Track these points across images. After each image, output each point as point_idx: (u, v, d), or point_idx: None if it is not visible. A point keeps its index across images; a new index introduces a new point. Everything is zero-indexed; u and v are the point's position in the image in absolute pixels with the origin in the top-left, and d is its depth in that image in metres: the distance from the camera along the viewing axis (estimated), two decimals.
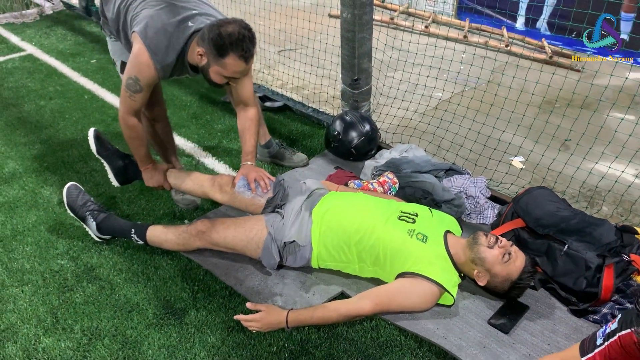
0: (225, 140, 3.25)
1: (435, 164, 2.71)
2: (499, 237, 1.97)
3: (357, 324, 1.96)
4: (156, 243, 2.27)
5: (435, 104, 3.59)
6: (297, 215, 2.16)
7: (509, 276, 1.94)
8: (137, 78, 2.11)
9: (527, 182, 2.75)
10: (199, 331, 1.95)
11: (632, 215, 2.53)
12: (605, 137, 2.75)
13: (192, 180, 2.35)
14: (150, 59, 2.07)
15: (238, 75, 2.08)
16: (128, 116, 2.20)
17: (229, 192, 2.27)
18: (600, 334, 1.29)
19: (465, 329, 1.92)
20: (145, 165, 2.38)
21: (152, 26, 2.06)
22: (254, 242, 2.14)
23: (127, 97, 2.16)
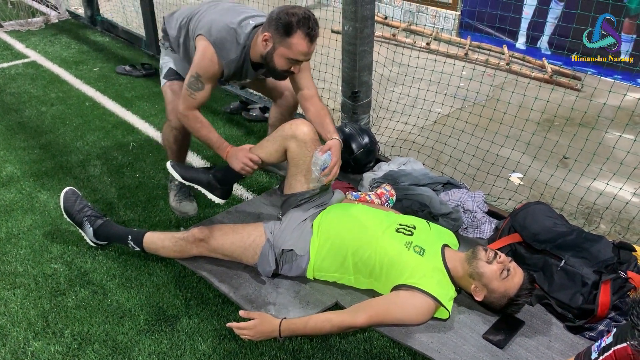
0: None
1: (433, 177, 2.71)
2: (499, 253, 1.95)
3: (350, 336, 1.94)
4: (152, 250, 2.25)
5: (434, 118, 3.60)
6: (300, 224, 2.14)
7: (507, 292, 1.92)
8: (199, 75, 2.19)
9: (525, 197, 2.74)
10: (191, 338, 1.93)
11: (630, 234, 2.52)
12: (603, 155, 2.75)
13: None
14: (215, 54, 2.16)
15: (302, 57, 2.11)
16: (188, 111, 2.26)
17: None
18: (595, 348, 1.28)
19: (460, 343, 1.90)
20: (224, 149, 2.29)
21: (215, 26, 2.17)
22: (252, 248, 2.13)
23: (187, 95, 2.23)
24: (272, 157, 2.24)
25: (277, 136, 2.22)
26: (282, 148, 2.20)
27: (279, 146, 2.21)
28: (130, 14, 5.86)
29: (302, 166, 2.20)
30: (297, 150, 2.17)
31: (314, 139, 2.20)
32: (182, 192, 2.65)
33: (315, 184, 2.21)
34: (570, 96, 2.98)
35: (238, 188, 2.86)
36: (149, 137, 3.42)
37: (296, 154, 2.18)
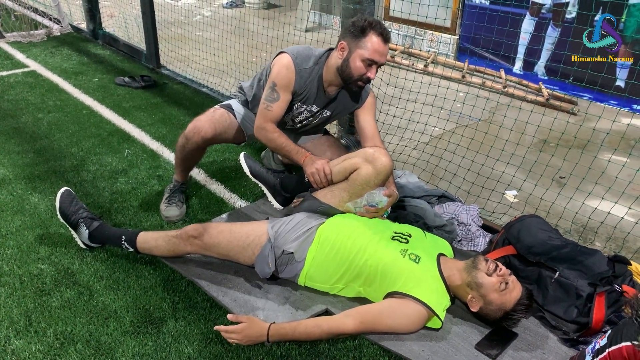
0: (219, 159, 3.24)
1: (427, 190, 2.70)
2: (499, 265, 1.92)
3: (339, 343, 1.90)
4: (146, 250, 2.22)
5: (431, 136, 3.61)
6: (307, 231, 2.10)
7: (503, 305, 1.89)
8: (275, 83, 2.29)
9: (519, 213, 2.72)
10: (176, 341, 1.88)
11: (625, 251, 2.50)
12: (597, 174, 2.75)
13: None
14: (291, 60, 2.28)
15: (377, 56, 2.19)
16: (265, 124, 2.33)
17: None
18: (590, 351, 1.25)
19: (451, 352, 1.86)
20: (303, 154, 2.33)
21: (295, 46, 2.36)
22: (250, 248, 2.09)
23: (263, 108, 2.33)
24: (340, 174, 2.24)
25: (353, 156, 2.22)
26: (353, 168, 2.19)
27: (351, 165, 2.20)
28: (132, 29, 5.92)
29: (355, 189, 2.18)
30: (366, 176, 2.15)
31: (388, 174, 2.20)
32: (174, 196, 2.63)
33: (352, 208, 2.19)
34: (566, 119, 2.98)
35: (231, 196, 2.84)
36: (144, 145, 3.41)
37: (363, 178, 2.16)
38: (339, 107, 2.46)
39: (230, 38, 4.93)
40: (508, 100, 4.29)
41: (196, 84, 4.56)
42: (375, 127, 2.43)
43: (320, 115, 2.48)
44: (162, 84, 4.60)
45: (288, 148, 2.34)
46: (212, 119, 2.48)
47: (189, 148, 2.50)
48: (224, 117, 2.51)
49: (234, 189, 2.90)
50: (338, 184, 2.23)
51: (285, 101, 2.33)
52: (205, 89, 4.45)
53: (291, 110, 2.41)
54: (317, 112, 2.45)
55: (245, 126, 2.57)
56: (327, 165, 2.23)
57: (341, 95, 2.43)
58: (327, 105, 2.44)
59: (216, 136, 2.49)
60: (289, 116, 2.45)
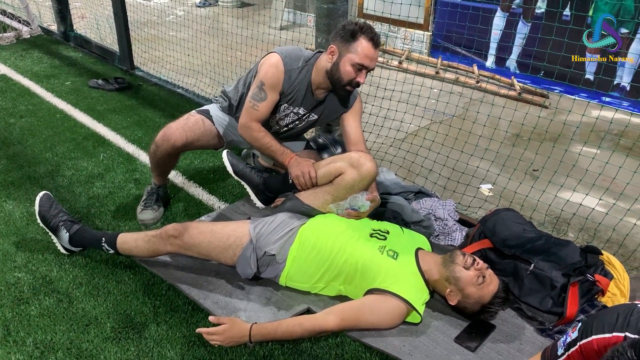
0: (197, 161, 3.23)
1: (404, 186, 2.73)
2: (477, 259, 1.96)
3: (322, 340, 1.92)
4: (126, 250, 2.20)
5: (407, 133, 3.65)
6: (288, 232, 2.10)
7: (481, 299, 1.93)
8: (263, 83, 2.27)
9: (494, 206, 2.78)
10: (158, 345, 1.88)
11: (597, 241, 2.57)
12: (569, 167, 2.81)
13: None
14: (280, 60, 2.26)
15: (367, 61, 2.18)
16: (250, 122, 2.32)
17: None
18: (562, 344, 1.28)
19: (432, 346, 1.89)
20: (288, 155, 2.33)
21: (285, 46, 2.35)
22: (231, 249, 2.08)
23: (249, 107, 2.31)
24: (324, 178, 2.25)
25: (339, 160, 2.23)
26: (338, 173, 2.21)
27: (335, 170, 2.21)
28: (104, 30, 5.84)
29: (339, 193, 2.20)
30: (350, 181, 2.17)
31: (372, 179, 2.22)
32: (150, 199, 2.61)
33: (334, 210, 2.22)
34: (538, 112, 3.05)
35: (210, 198, 2.83)
36: (120, 148, 3.37)
37: (347, 182, 2.18)
38: (326, 111, 2.46)
39: (204, 38, 4.90)
40: (481, 95, 4.35)
41: (171, 85, 4.52)
42: (361, 132, 2.45)
43: (307, 118, 2.47)
44: (137, 86, 4.55)
45: (273, 148, 2.34)
46: (184, 126, 2.45)
47: (159, 155, 2.48)
48: (198, 125, 2.48)
49: (213, 191, 2.90)
50: (322, 187, 2.24)
51: (272, 101, 2.32)
52: (180, 89, 4.41)
53: (277, 111, 2.41)
54: (304, 115, 2.44)
55: (226, 133, 2.56)
56: (313, 168, 2.25)
57: (329, 98, 2.42)
58: (314, 109, 2.44)
59: (188, 144, 2.46)
60: (275, 118, 2.45)
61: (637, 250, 2.49)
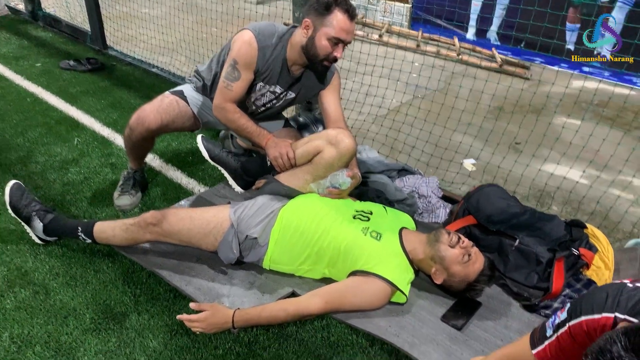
0: (175, 143, 3.15)
1: (387, 164, 2.69)
2: (462, 237, 1.93)
3: (307, 324, 1.89)
4: (104, 240, 2.13)
5: (389, 109, 3.60)
6: (269, 214, 2.06)
7: (467, 277, 1.91)
8: (236, 61, 2.17)
9: (478, 182, 2.76)
10: (140, 335, 1.84)
11: (581, 214, 2.57)
12: (552, 139, 2.80)
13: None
14: (253, 36, 2.16)
15: (343, 34, 2.11)
16: (224, 103, 2.24)
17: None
18: (550, 325, 1.26)
19: (418, 326, 1.88)
20: (265, 137, 2.27)
21: (257, 22, 2.24)
22: (212, 235, 2.03)
23: (223, 87, 2.23)
24: (303, 158, 2.20)
25: (316, 138, 2.18)
26: (316, 151, 2.16)
27: (314, 148, 2.17)
28: (74, 9, 5.64)
29: (319, 172, 2.16)
30: (329, 159, 2.13)
31: (352, 156, 2.17)
32: (127, 184, 2.54)
33: (315, 189, 2.17)
34: (520, 84, 3.01)
35: (189, 182, 2.77)
36: (94, 132, 3.27)
37: (326, 161, 2.13)
38: (303, 89, 2.39)
39: (178, 15, 4.75)
40: (463, 68, 4.31)
41: (146, 64, 4.40)
42: (340, 109, 2.38)
43: (284, 97, 2.40)
44: (110, 66, 4.42)
45: (249, 130, 2.27)
46: (158, 108, 2.36)
47: (134, 139, 2.39)
48: (173, 106, 2.40)
49: (192, 174, 2.83)
50: (301, 167, 2.19)
51: (246, 80, 2.24)
52: (155, 69, 4.29)
53: (253, 90, 2.33)
54: (281, 93, 2.37)
55: (201, 113, 2.48)
56: (291, 149, 2.19)
57: (306, 75, 2.35)
58: (291, 86, 2.36)
59: (163, 127, 2.38)
60: (251, 98, 2.37)
61: (621, 222, 2.49)
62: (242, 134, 2.32)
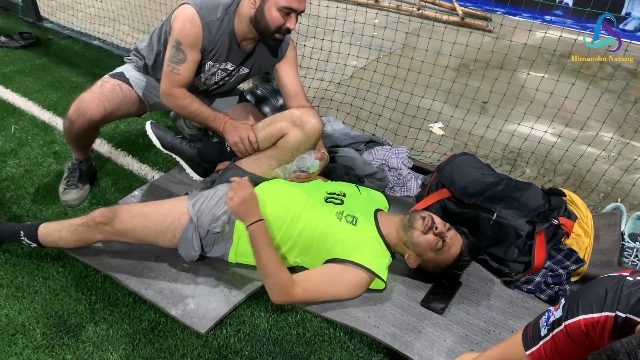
0: (123, 125, 2.92)
1: (354, 136, 2.55)
2: (436, 222, 1.80)
3: (280, 321, 1.77)
4: (51, 243, 1.95)
5: (351, 72, 3.43)
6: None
7: (442, 263, 1.82)
8: (179, 42, 1.97)
9: (448, 148, 2.65)
10: (99, 349, 1.68)
11: (555, 175, 2.49)
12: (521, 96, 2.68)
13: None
14: (195, 12, 1.94)
15: (296, 3, 1.92)
16: (172, 89, 2.05)
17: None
18: (544, 323, 1.16)
19: (398, 314, 1.78)
20: (222, 120, 2.07)
21: None
22: (170, 231, 1.87)
23: (169, 71, 2.02)
24: (266, 141, 2.01)
25: (279, 120, 1.98)
26: (280, 134, 1.97)
27: (277, 131, 1.98)
28: None
29: (284, 156, 1.99)
30: (295, 142, 1.95)
31: (319, 137, 1.99)
32: (72, 177, 2.33)
33: (281, 174, 2.00)
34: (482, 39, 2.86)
35: (142, 168, 2.56)
36: (33, 117, 3.00)
37: (292, 144, 1.96)
38: (257, 63, 2.19)
39: None
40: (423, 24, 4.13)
41: (86, 36, 4.09)
42: (299, 82, 2.20)
43: (237, 73, 2.20)
44: (46, 41, 4.08)
45: (204, 115, 2.07)
46: (99, 95, 2.13)
47: (76, 132, 2.17)
48: (115, 91, 2.18)
49: (145, 159, 2.62)
50: (265, 151, 2.02)
51: (193, 61, 2.03)
52: (97, 41, 4.00)
53: (202, 70, 2.12)
54: (233, 70, 2.17)
55: (147, 95, 2.26)
56: (252, 132, 2.01)
57: (258, 49, 2.14)
58: (243, 62, 2.16)
59: (107, 116, 2.16)
60: (202, 78, 2.16)
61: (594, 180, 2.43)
62: (196, 120, 2.12)
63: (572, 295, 1.14)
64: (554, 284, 1.86)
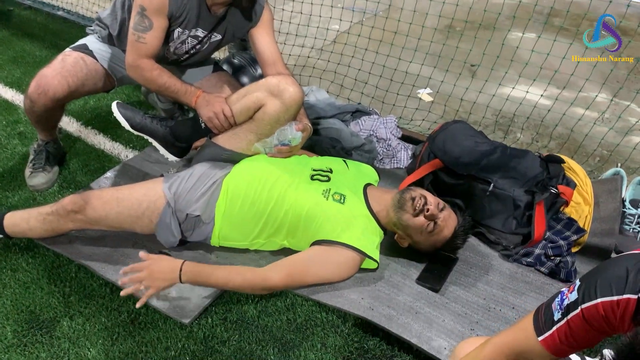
0: (92, 101, 2.74)
1: (340, 106, 2.41)
2: (428, 203, 1.68)
3: (269, 307, 1.67)
4: (19, 233, 1.82)
5: (333, 37, 3.26)
6: (211, 186, 1.77)
7: (434, 245, 1.73)
8: (144, 8, 1.81)
9: (439, 116, 2.53)
10: (75, 345, 1.57)
11: (550, 140, 2.39)
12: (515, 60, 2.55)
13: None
14: None
15: None
16: (138, 60, 1.88)
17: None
18: (558, 307, 1.06)
19: (393, 294, 1.68)
20: (194, 93, 1.91)
21: None
22: (146, 217, 1.75)
23: (134, 41, 1.86)
24: (242, 115, 1.85)
25: (255, 90, 1.82)
26: (258, 105, 1.81)
27: (254, 103, 1.81)
28: None
29: (264, 129, 1.83)
30: (274, 114, 1.79)
31: (299, 106, 1.84)
32: (39, 159, 2.18)
33: (261, 149, 1.86)
34: None
35: (114, 147, 2.40)
36: None
37: (271, 116, 1.80)
38: (230, 29, 2.02)
39: None
40: None
41: (49, 7, 3.88)
42: (276, 48, 2.04)
43: (209, 40, 2.03)
44: (6, 12, 3.86)
45: (174, 88, 1.92)
46: (62, 71, 1.96)
47: (38, 111, 2.00)
48: (79, 65, 2.00)
49: (117, 137, 2.46)
50: (242, 125, 1.87)
51: (160, 28, 1.86)
52: (61, 12, 3.79)
53: (171, 39, 1.95)
54: (205, 37, 2.00)
55: (114, 68, 2.09)
56: (226, 105, 1.85)
57: (231, 13, 1.97)
58: (215, 28, 1.99)
59: (72, 92, 1.99)
60: (171, 47, 1.99)
61: (591, 144, 2.34)
62: (166, 94, 1.96)
63: (588, 276, 1.04)
64: (555, 256, 1.77)
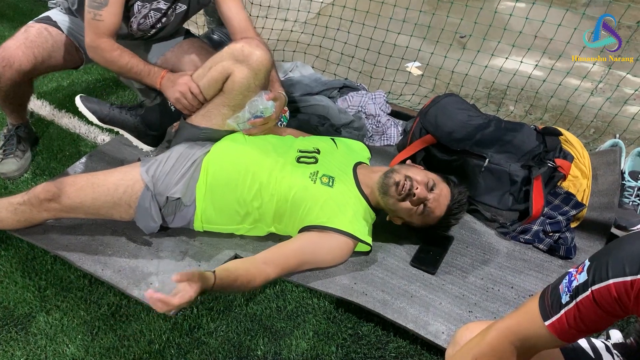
0: (65, 82, 2.61)
1: (326, 82, 2.32)
2: (414, 186, 1.58)
3: (258, 294, 1.59)
4: None
5: (317, 9, 3.14)
6: (190, 167, 1.68)
7: (426, 224, 1.65)
8: None
9: (429, 90, 2.44)
10: (53, 341, 1.49)
11: (544, 113, 2.32)
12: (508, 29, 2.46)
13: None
14: None
15: None
16: (98, 40, 1.76)
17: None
18: (565, 289, 0.99)
19: (387, 277, 1.61)
20: (158, 74, 1.79)
21: None
22: (124, 202, 1.65)
23: (90, 19, 1.74)
24: (211, 89, 1.73)
25: (220, 59, 1.70)
26: (225, 76, 1.69)
27: (220, 73, 1.69)
28: None
29: (236, 100, 1.71)
30: (243, 81, 1.67)
31: (268, 70, 1.71)
32: (10, 145, 2.06)
33: (235, 125, 1.75)
34: None
35: (89, 130, 2.29)
36: None
37: (239, 84, 1.68)
38: None
39: None
40: None
41: None
42: (244, 16, 1.91)
43: (174, 12, 1.90)
44: None
45: (136, 69, 1.79)
46: (25, 42, 1.83)
47: (4, 87, 1.87)
48: (43, 36, 1.87)
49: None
50: (213, 100, 1.75)
51: (117, 4, 1.73)
52: None
53: (131, 14, 1.81)
54: (168, 8, 1.87)
55: (80, 40, 1.95)
56: (192, 82, 1.73)
57: None
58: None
59: (38, 65, 1.86)
60: (133, 23, 1.86)
61: (588, 115, 2.26)
62: (128, 76, 1.83)
63: (598, 256, 0.96)
64: (553, 232, 1.71)
